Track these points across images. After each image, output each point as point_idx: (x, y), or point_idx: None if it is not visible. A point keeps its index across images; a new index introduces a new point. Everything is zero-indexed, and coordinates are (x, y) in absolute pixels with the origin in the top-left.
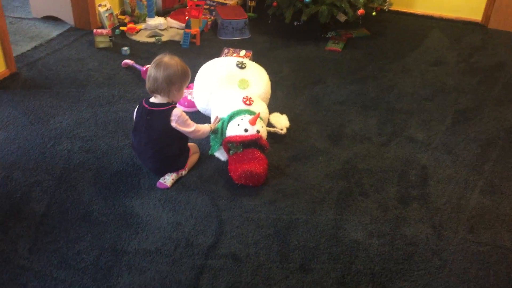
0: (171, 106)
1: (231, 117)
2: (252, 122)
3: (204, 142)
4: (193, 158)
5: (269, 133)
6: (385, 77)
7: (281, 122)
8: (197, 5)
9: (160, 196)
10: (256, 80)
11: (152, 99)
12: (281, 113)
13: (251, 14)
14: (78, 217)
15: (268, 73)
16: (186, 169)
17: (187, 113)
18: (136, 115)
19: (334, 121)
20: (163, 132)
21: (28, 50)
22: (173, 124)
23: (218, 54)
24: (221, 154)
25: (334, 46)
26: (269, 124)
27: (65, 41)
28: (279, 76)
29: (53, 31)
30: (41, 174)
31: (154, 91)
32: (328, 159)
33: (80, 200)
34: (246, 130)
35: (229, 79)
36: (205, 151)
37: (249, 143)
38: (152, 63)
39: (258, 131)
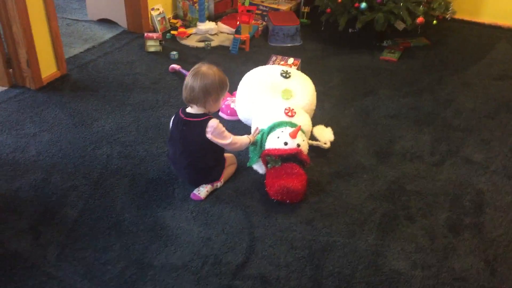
0: (207, 117)
1: (271, 129)
2: (293, 135)
3: (242, 153)
4: (229, 170)
5: (311, 147)
6: (443, 90)
7: (325, 135)
8: (248, 11)
9: (193, 208)
10: (301, 91)
11: (189, 109)
12: (326, 125)
13: (304, 20)
14: (109, 226)
15: (316, 83)
16: (222, 181)
17: (229, 121)
18: (172, 125)
19: (383, 137)
20: (198, 143)
21: (81, 52)
22: (209, 135)
23: (266, 61)
24: (259, 167)
25: (390, 56)
26: (312, 137)
27: (117, 44)
28: (328, 86)
29: (107, 34)
30: (79, 179)
31: (191, 101)
32: (373, 177)
33: (113, 208)
34: (286, 144)
35: (272, 89)
36: (243, 162)
37: (288, 157)
38: (189, 72)
39: (298, 145)
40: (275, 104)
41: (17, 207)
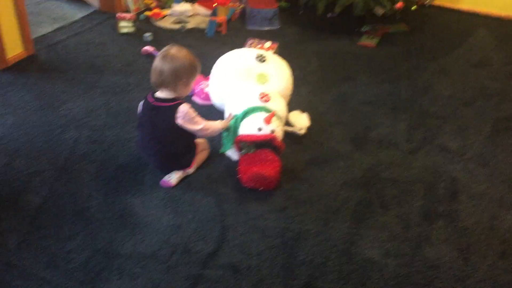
0: (178, 101)
1: (245, 114)
2: (267, 121)
3: (215, 139)
4: (201, 156)
5: (286, 133)
6: (421, 77)
7: (301, 121)
8: None
9: (163, 195)
10: (276, 75)
11: (158, 94)
12: (302, 111)
13: (283, 3)
14: (74, 213)
15: (293, 68)
16: (194, 167)
17: (202, 106)
18: (141, 109)
19: (359, 123)
20: (168, 129)
21: (50, 32)
22: (179, 121)
23: (243, 45)
24: (233, 153)
25: (368, 41)
26: (288, 123)
27: (88, 24)
28: (305, 71)
29: (78, 14)
30: (43, 164)
31: (160, 85)
32: (348, 165)
33: (79, 194)
34: (259, 129)
35: (246, 73)
36: (216, 148)
37: (262, 144)
38: (158, 54)
39: (272, 131)
40: (249, 89)
41: None
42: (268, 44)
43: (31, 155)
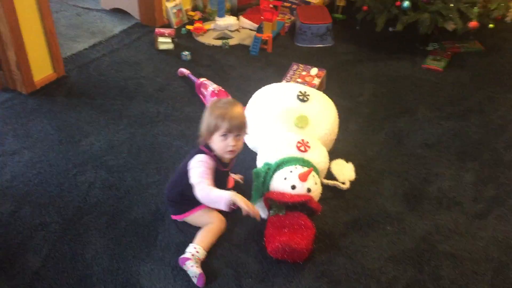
0: (203, 150)
1: (279, 165)
2: (303, 178)
3: (245, 187)
4: (208, 232)
5: (326, 185)
6: (496, 112)
7: (345, 173)
8: (272, 6)
9: (175, 264)
10: (319, 117)
11: None
12: (348, 157)
13: (338, 15)
14: (73, 282)
15: (343, 96)
16: (203, 248)
17: None
18: None
19: (416, 173)
20: (181, 170)
21: (85, 49)
22: (190, 165)
23: (286, 70)
24: (261, 209)
25: (434, 64)
26: (329, 174)
27: (126, 39)
28: (356, 101)
29: (117, 27)
30: (51, 214)
31: None
32: (398, 230)
33: (82, 256)
34: (293, 187)
35: (285, 114)
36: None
37: (295, 206)
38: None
39: (309, 190)
40: (287, 134)
41: None
42: (314, 71)
43: (40, 202)
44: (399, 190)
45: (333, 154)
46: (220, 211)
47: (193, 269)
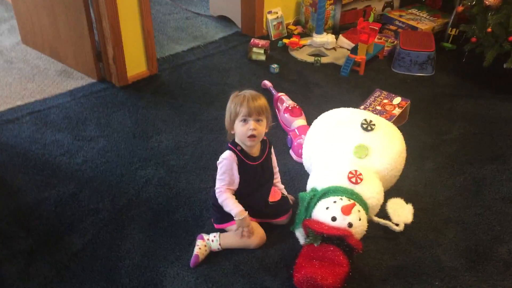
0: (229, 145)
1: (325, 194)
2: (346, 211)
3: (294, 208)
4: (234, 236)
5: (378, 225)
6: None
7: (401, 214)
8: (371, 28)
9: (200, 273)
10: (381, 150)
11: None
12: (409, 201)
13: (448, 44)
14: (104, 270)
15: (428, 132)
16: (221, 246)
17: (297, 164)
18: None
19: (487, 228)
20: None
21: (183, 51)
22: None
23: (367, 96)
24: (301, 235)
25: None
26: (384, 213)
27: (223, 46)
28: (441, 139)
29: (219, 33)
30: (105, 202)
31: None
32: None
33: (119, 247)
34: (334, 219)
35: (344, 141)
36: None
37: (331, 238)
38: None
39: (350, 225)
40: (341, 162)
41: (30, 222)
42: (397, 100)
43: (100, 189)
44: (461, 244)
45: (397, 192)
46: (263, 228)
47: (196, 248)
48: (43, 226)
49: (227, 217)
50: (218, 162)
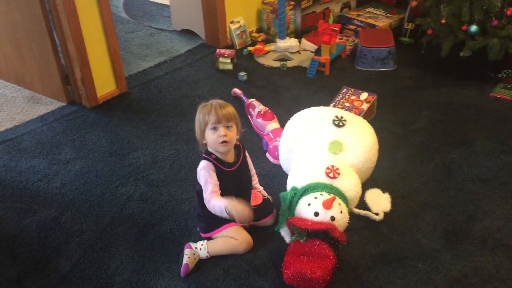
0: (203, 155)
1: (306, 191)
2: (327, 206)
3: (276, 209)
4: (222, 242)
5: (359, 216)
6: None
7: (379, 203)
8: (332, 29)
9: (191, 281)
10: (355, 144)
11: None
12: (388, 190)
13: (405, 39)
14: None
15: (396, 123)
16: (209, 253)
17: (275, 166)
18: None
19: (462, 209)
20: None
21: (151, 67)
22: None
23: (335, 94)
24: (286, 234)
25: (504, 93)
26: (363, 204)
27: (189, 59)
28: (409, 129)
29: (184, 47)
30: (88, 222)
31: None
32: (431, 269)
33: (107, 265)
34: (316, 214)
35: (318, 139)
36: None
37: (316, 233)
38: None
39: (333, 218)
40: (317, 159)
41: (15, 250)
42: (364, 95)
43: (81, 210)
44: (439, 226)
45: (373, 183)
46: (249, 231)
47: (185, 258)
48: (28, 253)
49: (213, 226)
50: (198, 176)
